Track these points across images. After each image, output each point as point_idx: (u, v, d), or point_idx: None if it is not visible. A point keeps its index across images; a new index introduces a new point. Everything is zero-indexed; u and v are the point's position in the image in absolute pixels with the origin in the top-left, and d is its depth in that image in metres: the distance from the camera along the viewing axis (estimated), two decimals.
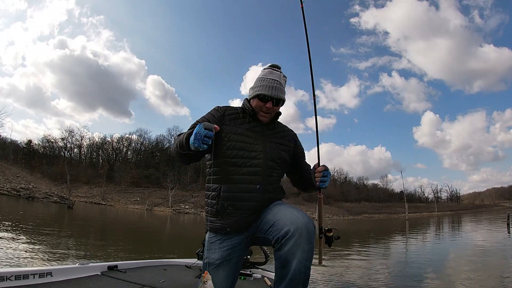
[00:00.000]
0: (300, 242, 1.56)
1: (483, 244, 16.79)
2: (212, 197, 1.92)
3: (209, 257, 1.90)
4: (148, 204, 57.13)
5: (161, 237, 17.38)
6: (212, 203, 1.92)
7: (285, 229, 1.60)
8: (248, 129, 1.95)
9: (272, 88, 1.94)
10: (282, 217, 1.68)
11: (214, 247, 1.89)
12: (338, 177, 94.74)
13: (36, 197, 42.79)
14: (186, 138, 1.68)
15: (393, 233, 26.57)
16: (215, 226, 1.91)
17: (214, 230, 1.93)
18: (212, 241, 1.91)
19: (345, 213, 71.51)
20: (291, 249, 1.57)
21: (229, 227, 1.87)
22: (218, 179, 1.91)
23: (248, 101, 2.04)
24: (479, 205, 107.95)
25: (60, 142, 72.46)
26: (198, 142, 1.58)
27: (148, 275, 2.81)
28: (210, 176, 1.93)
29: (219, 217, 1.89)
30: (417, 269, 9.72)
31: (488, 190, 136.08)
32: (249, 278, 3.01)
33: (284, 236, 1.59)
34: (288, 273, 1.58)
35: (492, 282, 7.96)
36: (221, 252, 1.88)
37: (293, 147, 2.11)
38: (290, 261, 1.57)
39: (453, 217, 60.80)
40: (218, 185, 1.90)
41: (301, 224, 1.60)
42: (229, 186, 1.86)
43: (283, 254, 1.59)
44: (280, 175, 2.03)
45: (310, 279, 1.65)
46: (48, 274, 2.33)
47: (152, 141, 78.97)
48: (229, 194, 1.86)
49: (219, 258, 1.86)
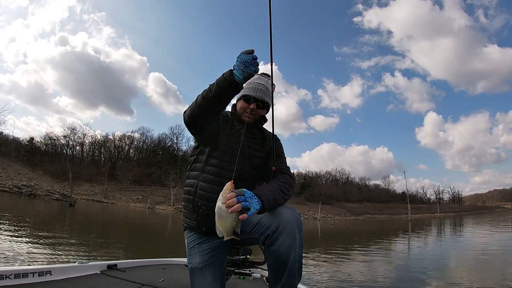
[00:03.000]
0: (292, 232, 1.54)
1: (493, 245, 16.74)
2: (189, 193, 1.90)
3: (191, 262, 1.89)
4: (150, 203, 57.26)
5: (162, 235, 17.40)
6: (188, 199, 1.90)
7: (274, 224, 1.57)
8: (232, 134, 1.94)
9: (257, 90, 1.96)
10: (265, 215, 1.62)
11: (194, 251, 1.88)
12: (340, 177, 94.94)
13: (37, 194, 42.94)
14: (228, 75, 1.62)
15: (396, 234, 26.53)
16: (191, 224, 1.91)
17: (190, 228, 1.93)
18: (191, 246, 1.90)
19: (347, 213, 71.40)
20: (285, 241, 1.53)
21: (204, 227, 1.85)
22: (196, 175, 1.90)
23: (234, 105, 2.07)
24: (481, 207, 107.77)
25: (62, 140, 72.85)
26: (253, 66, 1.57)
27: (148, 274, 2.80)
28: (190, 171, 1.94)
29: (194, 215, 1.88)
30: (421, 273, 9.68)
31: (489, 191, 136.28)
32: (249, 278, 3.00)
33: (275, 231, 1.56)
34: (285, 266, 1.55)
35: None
36: (202, 256, 1.86)
37: (269, 151, 2.03)
38: (285, 253, 1.54)
39: (455, 219, 60.60)
40: (195, 180, 1.88)
41: (289, 215, 1.58)
42: (204, 185, 1.84)
43: (277, 247, 1.55)
44: (257, 180, 2.02)
45: (312, 280, 1.65)
46: (47, 273, 2.33)
47: (154, 139, 79.24)
48: (203, 193, 1.83)
49: (201, 262, 1.85)
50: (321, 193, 75.01)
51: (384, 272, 9.62)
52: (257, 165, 1.97)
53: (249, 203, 1.43)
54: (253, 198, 1.47)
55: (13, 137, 68.74)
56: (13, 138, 68.65)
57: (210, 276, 1.83)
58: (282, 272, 1.57)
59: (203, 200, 1.81)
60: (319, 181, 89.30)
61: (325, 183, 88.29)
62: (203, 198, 1.81)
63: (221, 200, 1.42)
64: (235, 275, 2.99)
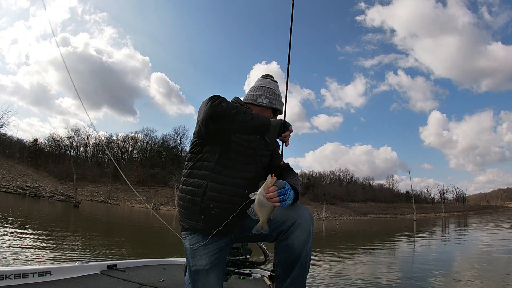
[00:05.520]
0: (307, 227, 1.69)
1: (498, 245, 16.65)
2: (194, 193, 1.78)
3: (195, 264, 1.81)
4: (154, 203, 57.37)
5: (165, 236, 17.41)
6: (193, 200, 1.79)
7: (290, 219, 1.69)
8: (243, 135, 1.90)
9: (272, 99, 2.04)
10: (282, 210, 1.69)
11: (199, 253, 1.81)
12: (344, 177, 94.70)
13: (42, 195, 43.24)
14: (267, 128, 1.69)
15: (403, 234, 26.41)
16: (196, 226, 1.81)
17: (194, 231, 1.84)
18: (195, 247, 1.81)
19: (351, 213, 71.23)
20: (300, 235, 1.66)
21: (213, 228, 1.78)
22: (205, 175, 1.79)
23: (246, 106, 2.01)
24: (486, 206, 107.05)
25: (66, 141, 73.19)
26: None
27: (148, 274, 2.81)
28: (194, 169, 1.84)
29: (201, 217, 1.78)
30: (427, 273, 9.64)
31: (494, 191, 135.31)
32: (249, 278, 3.00)
33: (290, 226, 1.68)
34: (298, 260, 1.66)
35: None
36: (208, 257, 1.81)
37: (273, 150, 2.11)
38: (298, 247, 1.65)
39: (460, 219, 60.26)
40: (204, 181, 1.78)
41: (304, 211, 1.72)
42: (217, 186, 1.77)
43: (291, 241, 1.67)
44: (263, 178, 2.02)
45: (316, 279, 1.68)
46: (47, 273, 2.34)
47: (158, 140, 79.44)
48: (216, 195, 1.76)
49: (207, 264, 1.80)
50: (325, 193, 74.92)
51: (392, 272, 9.60)
52: (264, 163, 2.00)
53: (287, 195, 1.56)
54: (290, 191, 1.60)
55: (17, 139, 69.50)
56: (17, 139, 69.42)
57: (214, 278, 1.80)
58: (293, 266, 1.67)
59: (216, 202, 1.75)
60: (323, 181, 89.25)
61: (329, 183, 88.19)
62: (216, 200, 1.75)
63: (262, 192, 1.52)
64: (235, 275, 2.99)
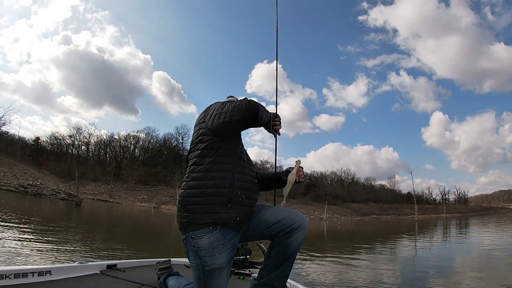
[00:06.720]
0: (305, 231, 1.96)
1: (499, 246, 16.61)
2: (220, 186, 1.80)
3: (214, 262, 1.78)
4: (156, 202, 57.50)
5: (167, 235, 17.44)
6: (220, 192, 1.79)
7: (298, 222, 1.91)
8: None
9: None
10: (288, 215, 1.93)
11: (218, 251, 1.78)
12: (345, 177, 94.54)
13: (43, 194, 43.37)
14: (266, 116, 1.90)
15: (405, 235, 26.39)
16: (222, 217, 1.78)
17: (215, 223, 1.78)
18: (214, 246, 1.77)
19: (353, 213, 71.15)
20: (300, 236, 1.91)
21: (239, 216, 1.82)
22: (229, 168, 1.87)
23: None
24: (487, 208, 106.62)
25: (67, 139, 73.27)
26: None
27: (147, 274, 2.80)
28: (216, 163, 1.85)
29: (228, 205, 1.80)
30: (429, 274, 9.62)
31: (495, 192, 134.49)
32: (249, 278, 2.99)
33: (296, 228, 1.89)
34: (291, 255, 1.93)
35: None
36: (226, 255, 1.81)
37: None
38: (295, 246, 1.90)
39: (461, 220, 60.10)
40: (229, 173, 1.85)
41: (305, 219, 1.97)
42: (242, 176, 1.92)
43: (291, 240, 1.89)
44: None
45: (317, 279, 1.68)
46: (47, 273, 2.34)
47: (159, 139, 79.55)
48: (243, 184, 1.90)
49: (225, 261, 1.81)
50: (327, 194, 74.85)
51: (393, 272, 9.58)
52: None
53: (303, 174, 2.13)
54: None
55: (18, 137, 69.58)
56: (18, 137, 69.50)
57: (226, 274, 1.86)
58: (286, 260, 1.92)
59: (243, 189, 1.90)
60: (324, 181, 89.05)
61: (331, 184, 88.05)
62: (243, 188, 1.90)
63: (294, 173, 2.04)
64: (235, 275, 2.99)
